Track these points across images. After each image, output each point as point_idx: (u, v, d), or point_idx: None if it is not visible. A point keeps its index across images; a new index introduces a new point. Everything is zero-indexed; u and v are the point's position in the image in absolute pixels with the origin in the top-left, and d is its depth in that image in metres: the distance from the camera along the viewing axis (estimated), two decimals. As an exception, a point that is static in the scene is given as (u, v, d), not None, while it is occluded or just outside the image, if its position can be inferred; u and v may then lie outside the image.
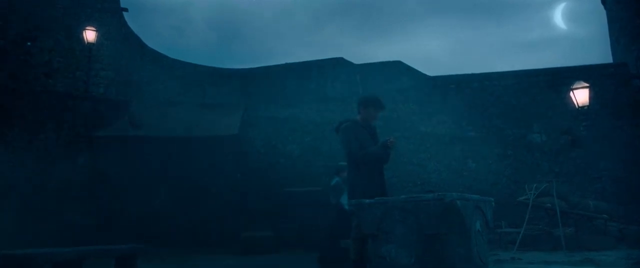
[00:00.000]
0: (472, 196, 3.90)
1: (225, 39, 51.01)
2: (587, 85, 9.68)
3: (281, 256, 8.19)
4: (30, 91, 10.62)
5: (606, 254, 6.84)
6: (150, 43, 15.25)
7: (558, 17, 53.63)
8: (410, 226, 3.41)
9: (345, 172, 6.33)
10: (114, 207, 9.49)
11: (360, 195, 3.79)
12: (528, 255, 7.08)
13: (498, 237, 8.53)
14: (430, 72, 14.86)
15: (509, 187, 10.20)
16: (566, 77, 10.79)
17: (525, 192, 8.64)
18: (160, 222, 9.49)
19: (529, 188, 8.55)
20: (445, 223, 3.38)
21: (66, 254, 4.12)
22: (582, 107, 9.63)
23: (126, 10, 13.66)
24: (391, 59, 17.65)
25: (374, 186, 3.94)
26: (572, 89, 9.76)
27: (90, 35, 11.84)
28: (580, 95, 9.66)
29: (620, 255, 6.78)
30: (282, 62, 18.74)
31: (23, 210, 9.53)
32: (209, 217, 9.66)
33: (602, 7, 16.01)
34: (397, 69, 17.11)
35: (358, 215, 3.66)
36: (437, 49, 48.70)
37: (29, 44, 12.33)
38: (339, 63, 17.58)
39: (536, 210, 8.49)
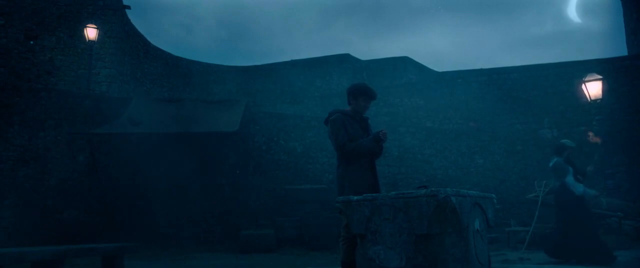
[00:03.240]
0: (470, 192, 3.62)
1: (233, 37, 51.05)
2: (600, 77, 9.27)
3: (280, 255, 7.98)
4: (31, 89, 10.59)
5: (621, 254, 6.51)
6: (157, 41, 15.25)
7: (572, 10, 52.58)
8: (400, 225, 3.15)
9: (566, 151, 5.92)
10: (114, 204, 9.40)
11: (349, 192, 3.54)
12: (537, 255, 6.78)
13: (506, 236, 8.23)
14: (439, 67, 14.56)
15: (518, 184, 9.85)
16: (579, 70, 10.40)
17: (535, 189, 8.30)
18: (160, 220, 9.39)
19: (539, 185, 8.21)
20: (439, 222, 3.11)
21: (44, 253, 3.94)
22: (595, 100, 9.21)
23: (128, 7, 13.56)
24: (399, 55, 17.35)
25: (365, 182, 3.68)
26: (585, 82, 9.35)
27: (91, 32, 11.74)
28: (593, 88, 9.25)
29: (636, 255, 6.46)
30: (290, 59, 18.57)
31: (23, 208, 9.50)
32: (209, 214, 9.53)
33: (617, -2, 15.49)
34: (404, 64, 16.84)
35: (346, 213, 3.40)
36: (446, 45, 48.07)
37: (31, 42, 12.32)
38: (345, 59, 17.36)
39: (546, 207, 8.13)
